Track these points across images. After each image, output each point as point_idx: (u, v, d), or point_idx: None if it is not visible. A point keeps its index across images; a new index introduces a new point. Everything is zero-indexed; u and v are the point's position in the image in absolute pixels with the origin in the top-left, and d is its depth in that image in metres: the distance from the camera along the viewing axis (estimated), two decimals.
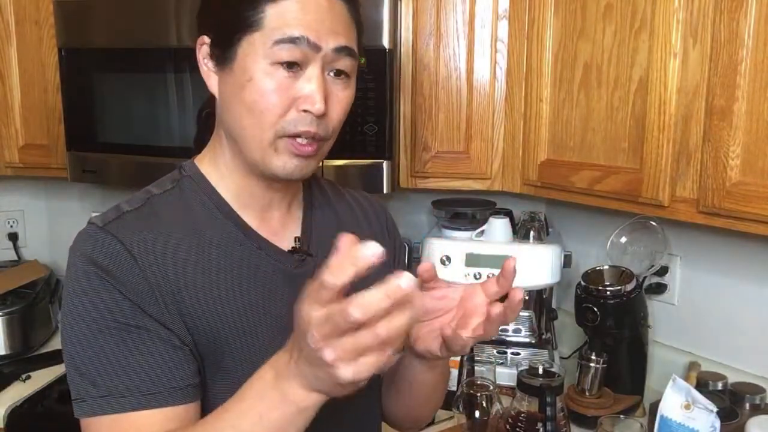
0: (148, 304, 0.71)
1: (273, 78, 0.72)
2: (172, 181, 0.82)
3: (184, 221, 0.78)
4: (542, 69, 1.34)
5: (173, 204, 0.79)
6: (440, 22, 1.44)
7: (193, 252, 0.76)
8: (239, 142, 0.77)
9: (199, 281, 0.75)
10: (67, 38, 1.52)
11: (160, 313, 0.72)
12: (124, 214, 0.76)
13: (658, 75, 1.11)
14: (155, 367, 0.70)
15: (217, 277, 0.76)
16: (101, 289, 0.70)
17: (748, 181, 0.99)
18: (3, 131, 1.72)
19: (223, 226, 0.79)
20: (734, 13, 0.98)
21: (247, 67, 0.73)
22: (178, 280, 0.74)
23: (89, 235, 0.74)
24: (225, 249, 0.78)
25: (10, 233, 2.08)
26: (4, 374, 1.62)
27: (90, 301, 0.71)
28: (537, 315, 1.62)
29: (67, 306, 0.72)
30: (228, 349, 0.75)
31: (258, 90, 0.72)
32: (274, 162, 0.75)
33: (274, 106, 0.73)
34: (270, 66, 0.72)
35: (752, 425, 1.10)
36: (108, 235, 0.73)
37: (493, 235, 1.50)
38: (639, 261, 1.45)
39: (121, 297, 0.70)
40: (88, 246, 0.73)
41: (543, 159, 1.36)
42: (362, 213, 0.96)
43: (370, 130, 1.38)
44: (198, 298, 0.74)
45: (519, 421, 1.15)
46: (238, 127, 0.75)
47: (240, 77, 0.73)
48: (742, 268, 1.34)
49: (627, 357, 1.40)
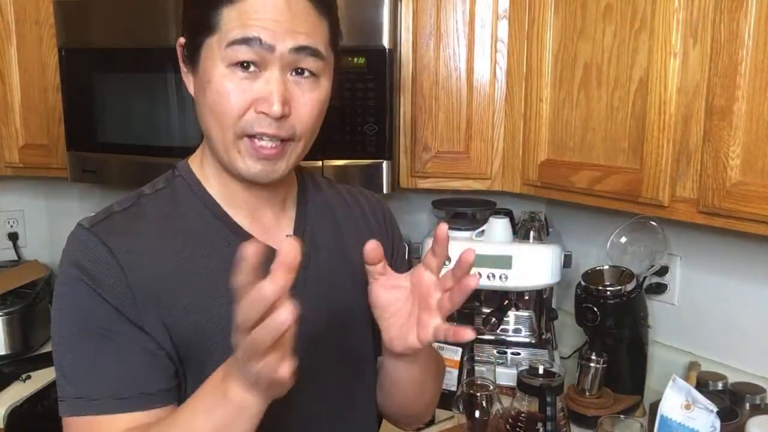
0: (126, 307, 0.72)
1: (231, 80, 0.73)
2: (165, 180, 0.83)
3: (173, 221, 0.79)
4: (542, 69, 1.34)
5: (163, 204, 0.80)
6: (440, 22, 1.44)
7: (179, 252, 0.76)
8: (209, 144, 0.79)
9: (182, 282, 0.75)
10: (67, 38, 1.51)
11: (138, 316, 0.72)
12: (113, 214, 0.77)
13: (658, 75, 1.11)
14: (127, 372, 0.72)
15: (203, 277, 0.76)
16: (81, 293, 0.72)
17: (748, 181, 0.99)
18: (3, 131, 1.72)
19: (212, 226, 0.80)
20: (734, 13, 0.98)
21: (207, 69, 0.74)
22: (160, 281, 0.74)
23: (76, 237, 0.75)
24: (213, 248, 0.78)
25: (10, 233, 2.08)
26: (4, 374, 1.62)
27: (71, 304, 0.73)
28: (537, 315, 1.62)
29: (53, 307, 0.75)
30: (213, 349, 0.75)
31: (217, 92, 0.74)
32: (238, 163, 0.76)
33: (232, 108, 0.73)
34: (227, 68, 0.73)
35: (752, 425, 1.10)
36: (93, 237, 0.74)
37: (493, 235, 1.50)
38: (639, 261, 1.45)
39: (100, 300, 0.72)
40: (73, 248, 0.75)
41: (543, 159, 1.36)
42: (359, 209, 0.96)
43: (370, 130, 1.38)
44: (181, 299, 0.75)
45: (519, 421, 1.15)
46: (206, 128, 0.77)
47: (202, 79, 0.75)
48: (742, 268, 1.34)
49: (627, 357, 1.40)
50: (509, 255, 1.45)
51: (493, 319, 1.46)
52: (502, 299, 1.52)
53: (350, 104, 1.37)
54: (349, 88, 1.36)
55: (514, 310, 1.57)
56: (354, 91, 1.36)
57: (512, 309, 1.54)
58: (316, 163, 1.39)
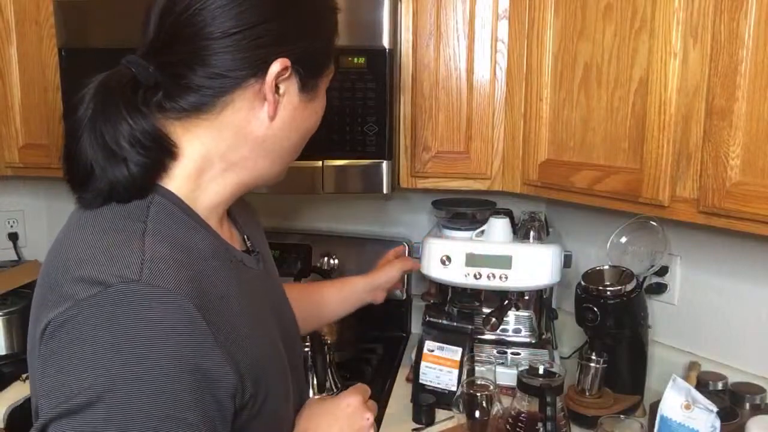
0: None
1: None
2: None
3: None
4: (542, 69, 1.34)
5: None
6: (440, 22, 1.43)
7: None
8: (274, 163, 0.80)
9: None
10: (67, 38, 1.51)
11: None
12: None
13: (658, 75, 1.11)
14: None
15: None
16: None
17: (748, 181, 0.99)
18: (3, 131, 1.72)
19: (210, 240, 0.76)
20: (734, 13, 0.98)
21: (321, 95, 0.81)
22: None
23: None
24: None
25: (10, 233, 2.08)
26: (4, 374, 1.62)
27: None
28: (537, 315, 1.62)
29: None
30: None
31: (320, 115, 0.82)
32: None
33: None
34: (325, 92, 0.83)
35: (752, 425, 1.10)
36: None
37: (493, 235, 1.50)
38: (639, 261, 1.45)
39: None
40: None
41: (543, 159, 1.36)
42: (240, 201, 0.94)
43: (370, 130, 1.38)
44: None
45: (519, 421, 1.15)
46: (289, 147, 0.80)
47: (315, 105, 0.80)
48: (742, 268, 1.34)
49: (627, 357, 1.40)
50: (509, 255, 1.45)
51: (493, 319, 1.46)
52: (502, 299, 1.52)
53: (350, 104, 1.37)
54: (349, 88, 1.36)
55: (514, 310, 1.57)
56: (354, 91, 1.36)
57: (512, 309, 1.54)
58: (316, 163, 1.39)
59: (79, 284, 0.63)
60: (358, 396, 0.88)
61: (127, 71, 0.73)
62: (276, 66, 0.72)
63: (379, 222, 1.92)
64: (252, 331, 0.74)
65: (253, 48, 0.71)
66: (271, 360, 0.78)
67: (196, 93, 0.72)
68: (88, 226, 0.70)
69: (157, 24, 0.73)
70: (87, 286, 0.62)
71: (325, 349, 1.40)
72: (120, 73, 0.73)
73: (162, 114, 0.74)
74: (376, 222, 1.92)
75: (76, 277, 0.64)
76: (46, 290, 0.67)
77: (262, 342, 0.76)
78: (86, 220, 0.72)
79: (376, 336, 1.78)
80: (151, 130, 0.71)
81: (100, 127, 0.69)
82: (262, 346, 0.75)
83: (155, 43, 0.73)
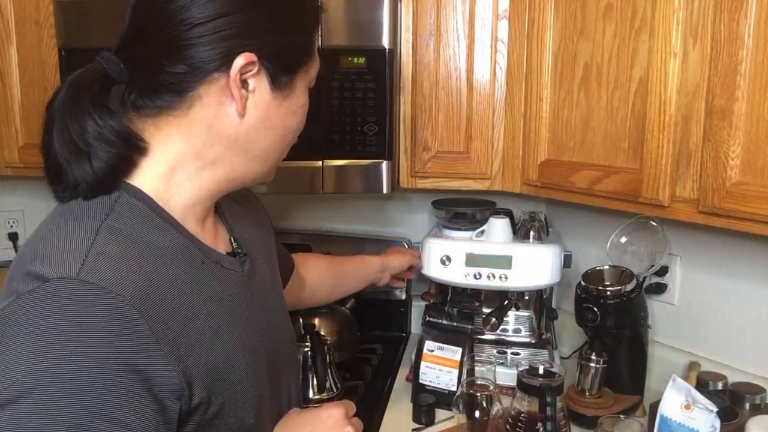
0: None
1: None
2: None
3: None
4: (542, 69, 1.34)
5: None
6: (440, 22, 1.43)
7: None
8: (252, 162, 0.78)
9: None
10: (67, 38, 1.51)
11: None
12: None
13: (658, 75, 1.11)
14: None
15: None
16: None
17: (748, 181, 0.99)
18: (3, 131, 1.71)
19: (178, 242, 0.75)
20: (734, 13, 0.98)
21: (299, 94, 0.78)
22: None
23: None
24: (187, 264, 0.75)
25: (10, 233, 2.08)
26: None
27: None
28: (537, 315, 1.62)
29: None
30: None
31: (303, 114, 0.80)
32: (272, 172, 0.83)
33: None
34: (307, 91, 0.80)
35: (752, 425, 1.10)
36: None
37: (493, 235, 1.50)
38: (639, 261, 1.45)
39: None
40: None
41: (543, 159, 1.36)
42: (247, 201, 0.96)
43: (370, 130, 1.38)
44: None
45: (519, 421, 1.15)
46: (262, 146, 0.77)
47: (291, 104, 0.77)
48: (742, 268, 1.34)
49: (627, 357, 1.40)
50: (509, 255, 1.45)
51: (493, 319, 1.46)
52: (502, 299, 1.52)
53: (350, 104, 1.37)
54: (349, 88, 1.36)
55: (514, 310, 1.57)
56: (354, 91, 1.36)
57: (512, 309, 1.54)
58: (316, 163, 1.39)
59: (25, 279, 0.63)
60: (341, 409, 0.87)
61: (100, 67, 0.72)
62: (240, 60, 0.70)
63: (379, 222, 1.92)
64: (215, 337, 0.72)
65: (217, 40, 0.70)
66: (236, 368, 0.75)
67: (165, 88, 0.71)
68: (53, 221, 0.71)
69: (130, 17, 0.73)
70: (30, 280, 0.62)
71: (325, 349, 1.40)
72: (93, 69, 0.72)
73: (136, 112, 0.73)
74: (376, 222, 1.92)
75: (24, 271, 0.64)
76: (6, 283, 0.68)
77: (228, 348, 0.74)
78: (55, 214, 0.72)
79: (376, 336, 1.78)
80: (118, 127, 0.70)
81: (67, 122, 0.69)
82: (226, 353, 0.73)
83: (128, 36, 0.73)
